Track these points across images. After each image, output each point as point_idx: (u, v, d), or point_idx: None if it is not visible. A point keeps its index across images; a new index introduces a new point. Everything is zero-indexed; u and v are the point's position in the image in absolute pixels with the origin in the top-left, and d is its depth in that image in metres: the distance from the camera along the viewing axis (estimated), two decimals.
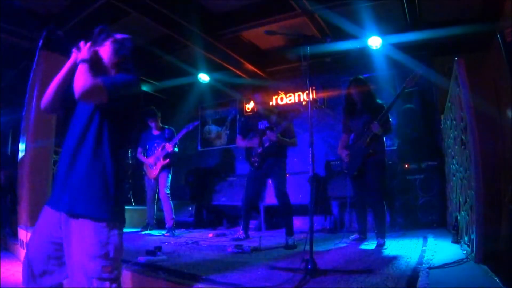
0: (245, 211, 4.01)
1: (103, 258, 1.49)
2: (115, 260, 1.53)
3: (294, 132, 3.93)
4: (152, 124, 5.11)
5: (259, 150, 3.84)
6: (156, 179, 4.97)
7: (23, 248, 4.18)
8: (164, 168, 4.93)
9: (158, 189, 4.94)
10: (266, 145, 3.81)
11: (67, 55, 1.69)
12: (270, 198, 5.51)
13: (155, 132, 5.12)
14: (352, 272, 2.16)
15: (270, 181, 3.96)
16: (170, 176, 4.97)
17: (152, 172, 4.99)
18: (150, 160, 4.99)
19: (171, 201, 4.87)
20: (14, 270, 3.66)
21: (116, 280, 1.52)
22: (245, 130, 4.09)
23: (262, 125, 3.91)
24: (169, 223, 4.77)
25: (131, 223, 5.58)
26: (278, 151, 3.80)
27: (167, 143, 4.86)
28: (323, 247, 3.42)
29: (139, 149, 5.19)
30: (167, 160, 4.89)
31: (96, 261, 1.47)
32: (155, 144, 5.04)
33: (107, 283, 1.48)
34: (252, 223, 5.20)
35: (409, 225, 4.68)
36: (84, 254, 1.48)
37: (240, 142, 4.06)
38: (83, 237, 1.49)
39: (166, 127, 5.17)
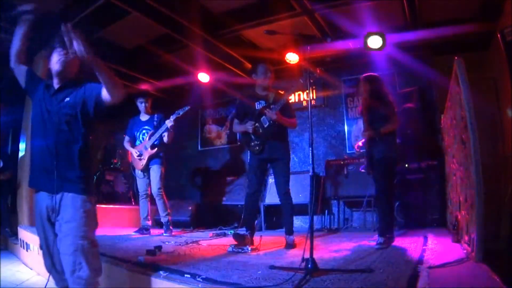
0: (249, 207, 3.63)
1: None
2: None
3: (293, 112, 3.69)
4: (142, 107, 4.73)
5: (259, 132, 3.57)
6: (146, 172, 4.64)
7: (23, 248, 4.18)
8: (152, 159, 4.57)
9: (150, 185, 4.63)
10: (265, 125, 3.53)
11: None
12: (270, 197, 5.53)
13: (144, 118, 4.78)
14: (352, 272, 2.16)
15: (271, 178, 3.83)
16: (161, 170, 4.58)
17: (139, 162, 4.60)
18: (138, 148, 4.60)
19: (164, 199, 4.58)
20: (14, 270, 3.66)
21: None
22: (241, 114, 3.76)
23: (259, 105, 3.64)
24: (163, 219, 4.62)
25: (132, 223, 5.58)
26: (279, 132, 3.56)
27: (168, 119, 4.46)
28: (323, 246, 3.42)
29: (126, 137, 4.77)
30: (155, 149, 4.54)
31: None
32: (143, 131, 4.69)
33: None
34: None
35: (409, 224, 4.68)
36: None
37: (237, 127, 3.76)
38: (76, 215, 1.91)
39: (156, 113, 4.80)
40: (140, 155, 4.62)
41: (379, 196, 3.51)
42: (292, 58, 5.33)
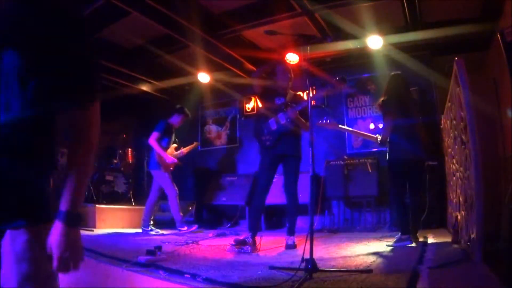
0: (257, 207, 3.53)
1: None
2: None
3: (308, 116, 3.77)
4: (177, 122, 5.22)
5: (273, 128, 3.53)
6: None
7: None
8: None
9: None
10: (282, 122, 3.51)
11: None
12: (270, 197, 5.50)
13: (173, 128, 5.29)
14: (352, 272, 2.16)
15: (279, 175, 3.76)
16: None
17: (170, 167, 5.10)
18: (173, 159, 5.09)
19: None
20: None
21: None
22: (266, 98, 3.75)
23: (279, 101, 3.63)
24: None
25: (132, 223, 5.58)
26: (293, 130, 3.56)
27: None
28: (323, 247, 3.42)
29: (157, 134, 4.95)
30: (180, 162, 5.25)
31: None
32: (169, 140, 5.20)
33: None
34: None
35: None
36: None
37: (261, 109, 3.82)
38: None
39: None
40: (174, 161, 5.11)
41: (390, 198, 3.68)
42: (292, 58, 5.33)
